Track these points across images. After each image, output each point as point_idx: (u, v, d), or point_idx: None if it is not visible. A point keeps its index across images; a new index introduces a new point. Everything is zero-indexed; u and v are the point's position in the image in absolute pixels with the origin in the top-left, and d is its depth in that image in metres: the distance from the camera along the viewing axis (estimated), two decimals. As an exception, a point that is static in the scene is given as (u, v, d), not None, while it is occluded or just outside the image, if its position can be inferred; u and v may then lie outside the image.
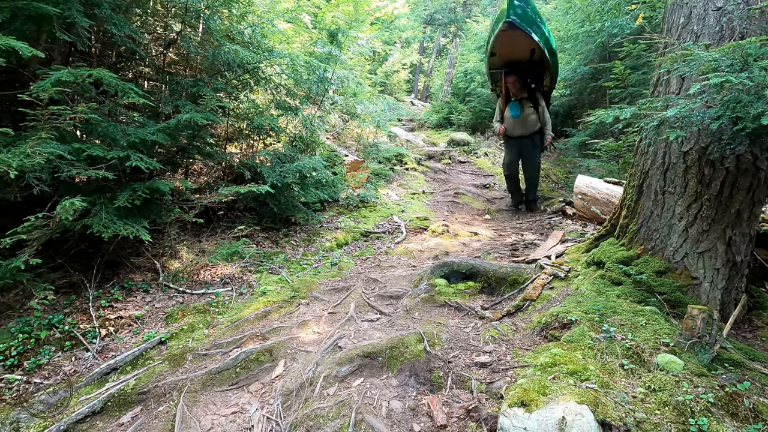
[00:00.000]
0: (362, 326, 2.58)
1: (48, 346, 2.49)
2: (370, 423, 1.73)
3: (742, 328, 2.32)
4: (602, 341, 1.94)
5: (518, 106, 5.50)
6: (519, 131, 5.59)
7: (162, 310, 3.01)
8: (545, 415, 1.48)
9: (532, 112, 5.48)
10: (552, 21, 9.91)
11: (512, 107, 5.55)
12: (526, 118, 5.49)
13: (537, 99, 5.53)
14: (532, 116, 5.48)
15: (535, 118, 5.50)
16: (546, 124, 5.54)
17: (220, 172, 4.66)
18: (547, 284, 2.78)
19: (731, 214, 2.18)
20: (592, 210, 4.37)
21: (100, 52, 3.75)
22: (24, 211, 2.42)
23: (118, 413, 2.05)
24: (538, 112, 5.51)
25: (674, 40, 2.28)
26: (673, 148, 2.30)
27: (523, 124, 5.53)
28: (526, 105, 5.49)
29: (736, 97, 1.55)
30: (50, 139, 2.35)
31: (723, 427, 1.47)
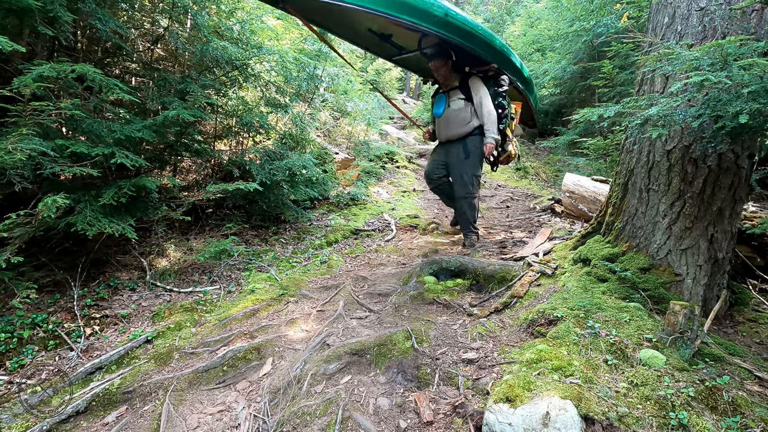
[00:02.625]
0: (351, 324, 2.59)
1: (31, 346, 2.45)
2: (356, 420, 1.74)
3: (724, 324, 2.36)
4: (587, 337, 1.97)
5: (444, 99, 4.01)
6: (444, 134, 4.03)
7: (149, 308, 2.98)
8: (529, 411, 1.50)
9: (461, 107, 3.85)
10: (542, 20, 9.99)
11: (437, 102, 4.11)
12: (451, 115, 3.91)
13: (472, 88, 3.87)
14: (462, 113, 3.85)
15: (466, 114, 3.84)
16: (486, 120, 3.79)
17: (208, 170, 4.62)
18: (534, 281, 2.80)
19: (713, 211, 2.22)
20: (579, 208, 4.42)
21: (85, 47, 3.69)
22: (6, 208, 2.38)
23: (102, 413, 2.03)
24: (472, 106, 3.86)
25: (658, 39, 2.31)
26: (657, 147, 2.33)
27: (447, 123, 3.95)
28: (454, 97, 3.92)
29: (716, 96, 1.57)
30: (32, 135, 2.31)
31: (703, 421, 1.50)
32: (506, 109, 3.93)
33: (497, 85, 3.92)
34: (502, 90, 3.89)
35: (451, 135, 3.96)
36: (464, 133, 3.88)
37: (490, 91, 3.86)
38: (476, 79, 3.91)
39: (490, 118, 3.78)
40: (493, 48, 3.58)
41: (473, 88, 3.86)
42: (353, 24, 3.85)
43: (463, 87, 3.90)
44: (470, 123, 3.86)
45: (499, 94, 3.90)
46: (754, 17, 2.06)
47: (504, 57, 3.76)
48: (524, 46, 10.59)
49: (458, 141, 3.93)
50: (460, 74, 3.98)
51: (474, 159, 3.88)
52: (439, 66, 3.87)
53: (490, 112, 3.78)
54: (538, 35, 10.05)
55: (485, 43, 3.47)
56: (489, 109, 3.79)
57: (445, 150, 4.11)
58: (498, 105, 3.88)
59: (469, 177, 3.90)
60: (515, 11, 14.35)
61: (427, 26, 3.04)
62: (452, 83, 3.97)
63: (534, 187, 7.67)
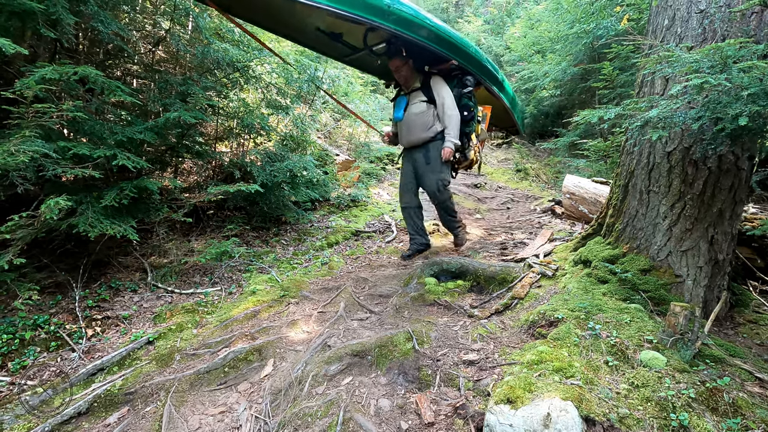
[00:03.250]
0: (352, 325, 2.59)
1: (33, 347, 2.46)
2: (358, 421, 1.74)
3: (724, 325, 2.36)
4: (588, 339, 1.97)
5: (404, 102, 3.70)
6: (405, 139, 3.72)
7: (150, 309, 2.99)
8: (530, 412, 1.50)
9: (423, 110, 3.55)
10: (542, 22, 10.01)
11: (397, 105, 3.78)
12: (412, 119, 3.59)
13: (434, 88, 3.55)
14: (424, 116, 3.54)
15: (428, 118, 3.54)
16: (447, 123, 3.49)
17: (209, 171, 4.64)
18: (535, 283, 2.81)
19: (714, 213, 2.22)
20: (580, 209, 4.42)
21: (87, 49, 3.70)
22: (8, 210, 2.39)
23: (104, 414, 2.03)
24: (435, 109, 3.55)
25: (658, 41, 2.32)
26: (657, 148, 2.33)
27: (408, 128, 3.64)
28: (415, 99, 3.60)
29: (716, 98, 1.58)
30: (35, 137, 2.32)
31: (703, 422, 1.50)
32: (472, 110, 3.63)
33: (462, 85, 3.61)
34: (467, 91, 3.60)
35: (413, 140, 3.65)
36: (427, 138, 3.59)
37: (454, 92, 3.57)
38: (438, 79, 3.59)
39: (451, 121, 3.50)
40: (450, 42, 3.26)
41: (435, 88, 3.55)
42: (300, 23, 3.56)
43: (424, 88, 3.59)
44: (433, 127, 3.57)
45: (464, 95, 3.60)
46: (753, 20, 2.07)
47: (465, 52, 3.43)
48: (524, 48, 10.61)
49: (421, 147, 3.64)
50: (421, 75, 3.65)
51: (436, 164, 3.60)
52: (399, 65, 3.56)
53: (451, 115, 3.50)
54: (538, 37, 10.07)
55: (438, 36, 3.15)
56: (451, 111, 3.50)
57: (410, 157, 3.79)
58: (463, 107, 3.59)
59: (436, 183, 3.63)
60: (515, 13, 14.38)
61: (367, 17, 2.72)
62: (413, 84, 3.66)
63: (534, 189, 7.68)
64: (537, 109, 9.59)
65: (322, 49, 4.05)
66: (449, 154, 3.50)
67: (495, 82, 3.89)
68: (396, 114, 3.74)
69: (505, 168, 9.37)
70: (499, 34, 14.09)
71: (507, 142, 11.04)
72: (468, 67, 3.50)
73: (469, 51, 3.46)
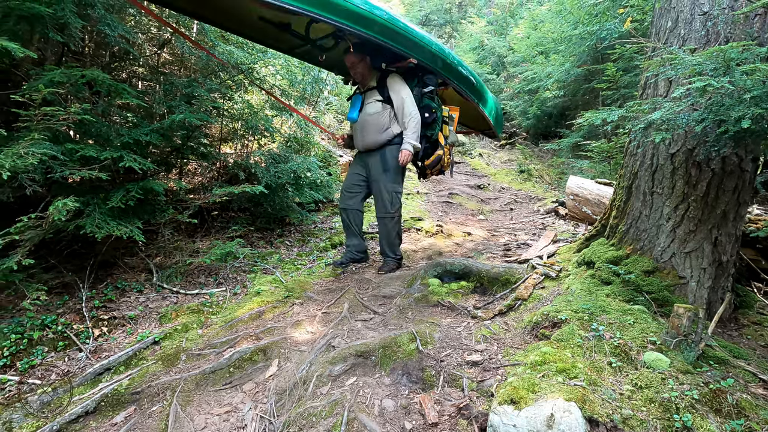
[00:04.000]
0: (356, 326, 2.60)
1: (41, 347, 2.48)
2: (362, 421, 1.75)
3: (728, 327, 2.36)
4: (591, 340, 1.98)
5: (360, 101, 3.47)
6: (360, 142, 3.48)
7: (156, 310, 3.01)
8: (534, 413, 1.51)
9: (378, 110, 3.31)
10: (546, 23, 10.01)
11: (352, 104, 3.54)
12: (367, 120, 3.37)
13: (391, 87, 3.30)
14: (380, 117, 3.31)
15: (384, 119, 3.31)
16: (406, 125, 3.26)
17: (214, 173, 4.67)
18: (538, 284, 2.81)
19: (717, 214, 2.22)
20: (583, 210, 4.42)
21: (93, 52, 3.75)
22: (17, 211, 2.42)
23: (111, 413, 2.05)
24: (392, 109, 3.32)
25: (661, 43, 2.32)
26: (660, 150, 2.34)
27: (362, 130, 3.41)
28: (370, 99, 3.37)
29: (719, 101, 1.59)
30: (43, 139, 2.35)
31: (707, 423, 1.50)
32: (435, 112, 3.38)
33: (422, 84, 3.36)
34: (429, 90, 3.35)
35: (368, 143, 3.40)
36: (382, 141, 3.34)
37: (414, 92, 3.32)
38: (396, 77, 3.31)
39: (410, 123, 3.25)
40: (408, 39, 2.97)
41: (392, 87, 3.29)
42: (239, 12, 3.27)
43: (381, 87, 3.34)
44: (389, 129, 3.33)
45: (425, 95, 3.35)
46: (757, 22, 2.07)
47: (426, 50, 3.14)
48: (528, 49, 10.60)
49: (376, 151, 3.40)
50: (378, 72, 3.40)
51: (394, 172, 3.35)
52: (355, 62, 3.32)
53: (411, 115, 3.24)
54: (541, 38, 10.06)
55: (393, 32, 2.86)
56: (410, 111, 3.25)
57: (363, 161, 3.53)
58: (424, 107, 3.34)
59: (389, 194, 3.37)
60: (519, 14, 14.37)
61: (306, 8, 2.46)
62: (370, 83, 3.42)
63: (538, 190, 7.68)
64: (540, 110, 9.58)
65: (272, 43, 3.74)
66: (407, 157, 3.26)
67: (464, 81, 3.59)
68: (350, 114, 3.48)
69: (509, 169, 9.37)
70: (503, 35, 14.08)
71: (510, 143, 11.04)
72: (429, 65, 3.22)
73: (431, 48, 3.19)
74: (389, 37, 2.84)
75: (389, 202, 3.39)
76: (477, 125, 4.70)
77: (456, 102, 3.88)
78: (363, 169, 3.54)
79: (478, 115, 4.09)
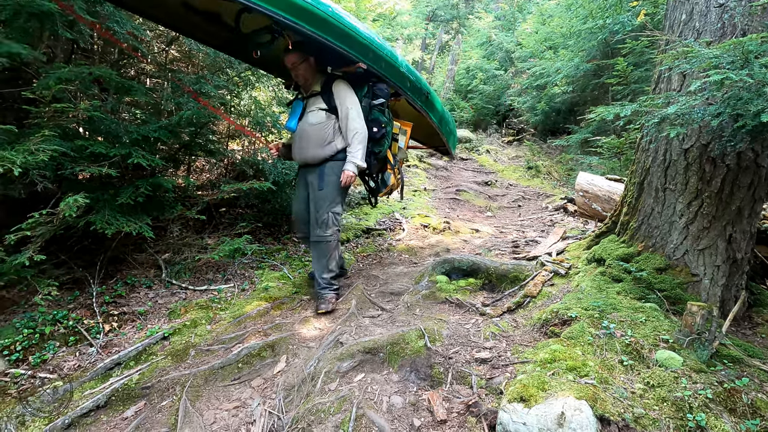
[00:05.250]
0: (363, 322, 2.60)
1: (52, 341, 2.51)
2: (370, 418, 1.75)
3: (742, 325, 2.32)
4: (602, 338, 1.95)
5: (300, 108, 3.01)
6: (298, 155, 3.00)
7: (165, 306, 3.03)
8: (544, 411, 1.50)
9: (321, 120, 2.87)
10: (555, 17, 9.89)
11: (291, 111, 3.05)
12: (307, 130, 2.90)
13: (336, 94, 2.87)
14: (322, 129, 2.87)
15: (327, 131, 2.87)
16: (351, 139, 2.83)
17: (222, 169, 4.68)
18: (547, 281, 2.79)
19: (732, 211, 2.18)
20: (593, 207, 4.37)
21: (102, 49, 3.76)
22: (29, 208, 2.44)
23: (122, 407, 2.08)
24: (336, 120, 2.89)
25: (676, 37, 2.27)
26: (674, 146, 2.30)
27: (301, 141, 2.94)
28: (312, 106, 2.92)
29: (737, 95, 1.55)
30: (53, 136, 2.37)
31: (721, 423, 1.48)
32: (385, 127, 2.95)
33: (372, 95, 2.96)
34: (379, 102, 2.96)
35: (307, 157, 2.93)
36: (323, 156, 2.88)
37: (363, 103, 2.91)
38: (342, 83, 2.88)
39: (356, 137, 2.81)
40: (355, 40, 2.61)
41: (338, 95, 2.85)
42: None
43: (325, 93, 2.88)
44: (332, 143, 2.88)
45: (374, 107, 2.95)
46: (775, 13, 2.02)
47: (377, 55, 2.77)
48: (536, 44, 10.49)
49: (316, 167, 2.92)
50: (324, 76, 2.95)
51: (331, 191, 2.88)
52: (296, 62, 2.85)
53: (356, 130, 2.81)
54: (550, 33, 9.94)
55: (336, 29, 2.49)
56: (356, 125, 2.81)
57: (304, 179, 3.04)
58: (372, 121, 2.92)
59: (324, 215, 2.90)
60: (527, 9, 14.23)
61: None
62: (313, 87, 2.96)
63: (546, 186, 7.62)
64: (548, 106, 9.48)
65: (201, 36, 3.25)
66: (349, 179, 2.83)
67: (418, 94, 3.24)
68: (288, 122, 2.99)
69: (516, 166, 9.31)
70: (510, 30, 13.94)
71: (518, 140, 10.96)
72: (380, 72, 2.83)
73: (382, 53, 2.81)
74: (333, 35, 2.48)
75: (324, 225, 2.91)
76: (430, 141, 4.37)
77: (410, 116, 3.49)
78: (305, 189, 3.06)
79: (433, 131, 3.74)
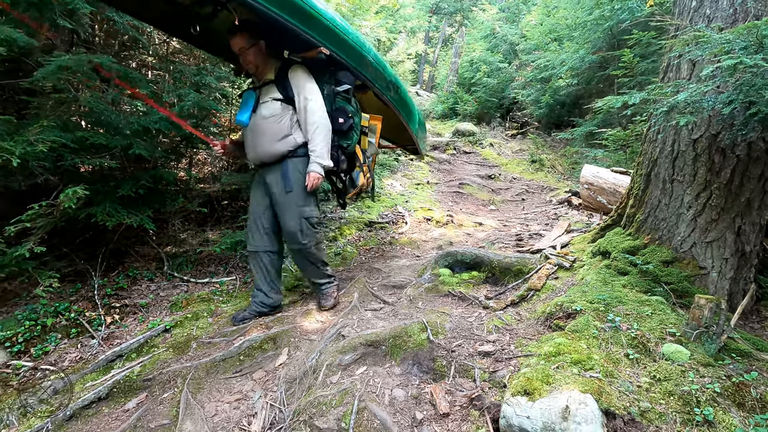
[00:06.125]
0: (366, 315, 2.58)
1: (54, 333, 2.51)
2: (372, 411, 1.73)
3: (750, 319, 2.29)
4: (607, 331, 1.92)
5: (252, 100, 2.58)
6: (252, 153, 2.63)
7: (167, 298, 3.03)
8: (548, 404, 1.47)
9: (276, 112, 2.50)
10: (560, 8, 9.76)
11: (243, 103, 2.63)
12: (261, 124, 2.53)
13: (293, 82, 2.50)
14: (277, 122, 2.50)
15: (284, 124, 2.50)
16: (312, 134, 2.46)
17: (224, 162, 4.66)
18: (551, 274, 2.76)
19: (741, 203, 2.14)
20: (598, 200, 4.33)
21: (103, 41, 3.73)
22: (30, 200, 2.43)
23: (123, 399, 2.07)
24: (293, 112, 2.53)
25: (686, 23, 2.22)
26: (682, 136, 2.25)
27: (254, 137, 2.57)
28: (266, 96, 2.54)
29: (750, 81, 1.50)
30: (53, 127, 2.35)
31: (729, 417, 1.45)
32: (351, 117, 2.61)
33: (335, 82, 2.61)
34: (343, 89, 2.62)
35: (261, 154, 2.56)
36: (280, 152, 2.51)
37: (325, 91, 2.55)
38: (300, 70, 2.51)
39: (318, 132, 2.44)
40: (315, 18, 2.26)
41: (295, 83, 2.49)
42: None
43: (280, 82, 2.51)
44: (290, 137, 2.50)
45: (338, 94, 2.61)
46: (789, -2, 1.96)
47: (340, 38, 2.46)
48: (541, 36, 10.35)
49: (274, 165, 2.56)
50: (279, 62, 2.57)
51: (302, 192, 2.53)
52: (243, 47, 2.46)
53: (317, 123, 2.44)
54: (555, 24, 9.80)
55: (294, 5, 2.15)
56: (316, 117, 2.44)
57: (263, 180, 2.66)
58: (337, 111, 2.58)
59: (298, 221, 2.54)
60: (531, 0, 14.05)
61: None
62: (267, 75, 2.58)
63: (550, 180, 7.55)
64: (553, 98, 9.37)
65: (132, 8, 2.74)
66: (315, 181, 2.47)
67: (386, 86, 2.92)
68: (239, 116, 2.56)
69: (520, 159, 9.23)
70: (515, 22, 13.79)
71: (522, 133, 10.87)
72: (345, 60, 2.54)
73: (347, 38, 2.51)
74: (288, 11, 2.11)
75: (299, 232, 2.56)
76: (398, 139, 4.07)
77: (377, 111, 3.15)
78: (263, 191, 2.67)
79: (401, 127, 3.46)
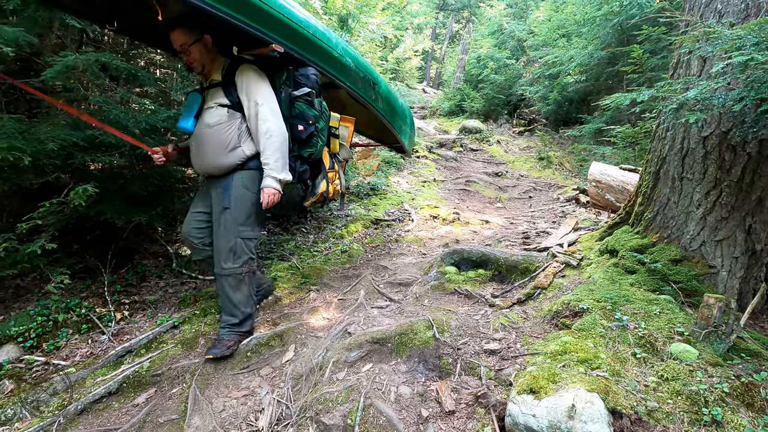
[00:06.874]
0: (372, 313, 2.59)
1: (65, 329, 2.56)
2: (378, 408, 1.74)
3: (761, 318, 2.26)
4: (614, 330, 1.91)
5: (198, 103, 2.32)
6: (197, 163, 2.40)
7: (175, 295, 3.06)
8: (555, 403, 1.47)
9: (222, 120, 2.24)
10: (568, 4, 9.66)
11: (186, 107, 2.34)
12: (205, 133, 2.27)
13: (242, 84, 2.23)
14: (223, 130, 2.23)
15: (231, 133, 2.23)
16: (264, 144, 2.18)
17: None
18: (558, 272, 2.74)
19: (752, 201, 2.11)
20: (606, 198, 4.29)
21: (112, 39, 3.77)
22: (42, 198, 2.46)
23: (133, 394, 2.10)
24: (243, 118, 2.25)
25: (696, 18, 2.19)
26: (692, 133, 2.22)
27: (198, 147, 2.32)
28: (211, 101, 2.28)
29: (761, 77, 1.48)
30: (63, 125, 2.38)
31: (738, 418, 1.44)
32: (313, 123, 2.34)
33: (294, 83, 2.33)
34: (304, 93, 2.32)
35: (206, 166, 2.32)
36: (228, 165, 2.25)
37: (280, 95, 2.30)
38: (249, 70, 2.24)
39: (270, 142, 2.17)
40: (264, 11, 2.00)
41: (243, 86, 2.22)
42: None
43: (227, 84, 2.24)
44: (239, 148, 2.24)
45: (297, 98, 2.31)
46: (802, -7, 1.92)
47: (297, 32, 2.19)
48: (549, 32, 10.24)
49: (221, 178, 2.30)
50: (227, 61, 2.32)
51: (240, 210, 2.26)
52: (185, 42, 2.17)
53: (270, 132, 2.16)
54: (563, 20, 9.70)
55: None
56: (268, 125, 2.16)
57: (207, 191, 2.43)
58: (296, 117, 2.32)
59: (231, 241, 2.27)
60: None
61: None
62: (213, 76, 2.31)
63: (557, 177, 7.50)
64: (561, 95, 9.29)
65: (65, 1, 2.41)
66: (270, 198, 2.20)
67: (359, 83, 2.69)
68: (181, 121, 2.29)
69: (527, 156, 9.17)
70: (523, 18, 13.66)
71: (529, 130, 10.79)
72: (305, 57, 2.29)
73: (306, 32, 2.25)
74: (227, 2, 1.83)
75: (230, 253, 2.28)
76: (383, 137, 3.80)
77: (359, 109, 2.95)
78: (205, 203, 2.43)
79: (382, 126, 3.23)
